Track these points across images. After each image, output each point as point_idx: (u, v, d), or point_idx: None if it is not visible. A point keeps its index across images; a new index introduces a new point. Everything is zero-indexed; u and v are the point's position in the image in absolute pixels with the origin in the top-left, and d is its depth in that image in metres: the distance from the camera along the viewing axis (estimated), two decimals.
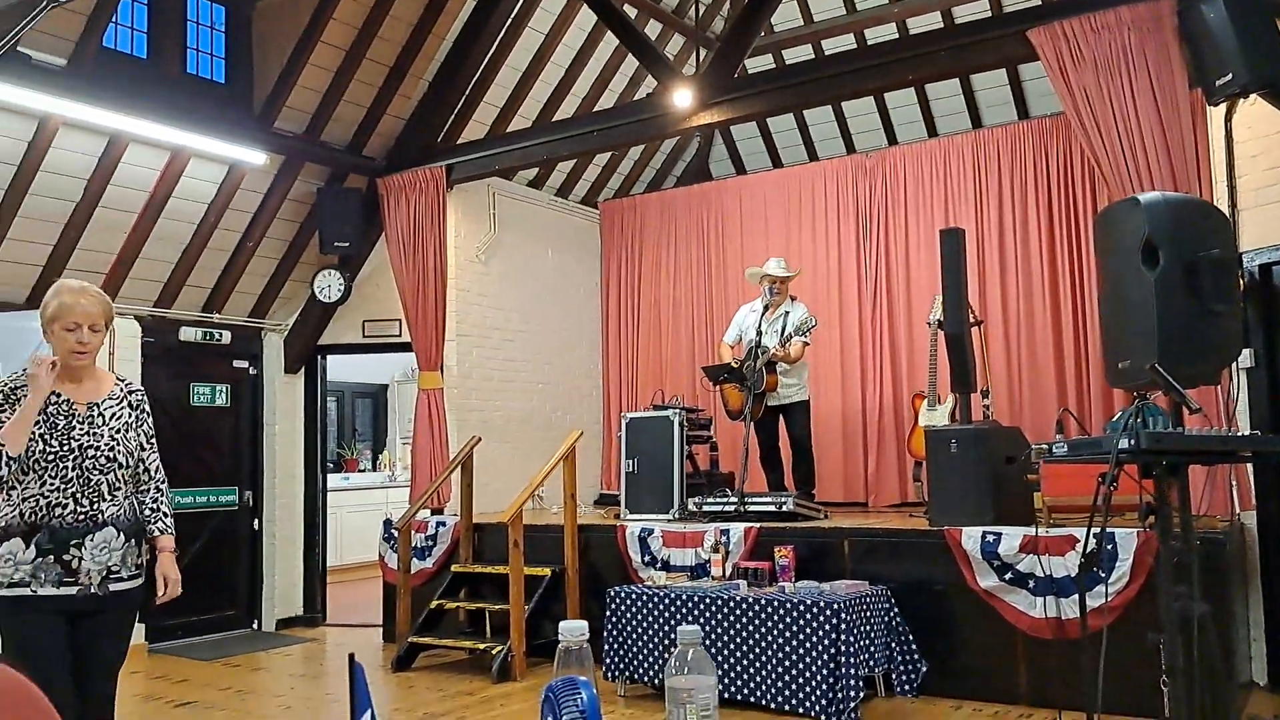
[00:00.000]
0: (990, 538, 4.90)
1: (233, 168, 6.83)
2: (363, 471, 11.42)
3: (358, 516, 9.80)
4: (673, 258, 8.65)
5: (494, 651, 5.77)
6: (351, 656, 1.17)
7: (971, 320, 5.77)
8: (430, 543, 6.74)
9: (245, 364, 7.77)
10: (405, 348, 7.69)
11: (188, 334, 7.29)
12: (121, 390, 3.14)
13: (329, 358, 8.12)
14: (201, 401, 7.43)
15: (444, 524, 6.75)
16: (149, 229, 6.69)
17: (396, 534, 6.59)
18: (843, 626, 4.58)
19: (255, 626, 7.54)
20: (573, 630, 1.57)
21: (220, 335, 7.52)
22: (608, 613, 5.29)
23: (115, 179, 6.33)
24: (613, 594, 5.32)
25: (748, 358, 6.29)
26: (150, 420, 3.22)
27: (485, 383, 7.84)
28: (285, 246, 7.62)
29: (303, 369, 8.00)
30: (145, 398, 3.22)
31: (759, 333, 6.32)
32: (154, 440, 3.21)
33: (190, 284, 7.18)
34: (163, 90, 6.37)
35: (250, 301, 7.69)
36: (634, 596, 5.23)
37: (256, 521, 7.67)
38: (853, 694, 4.53)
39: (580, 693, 1.11)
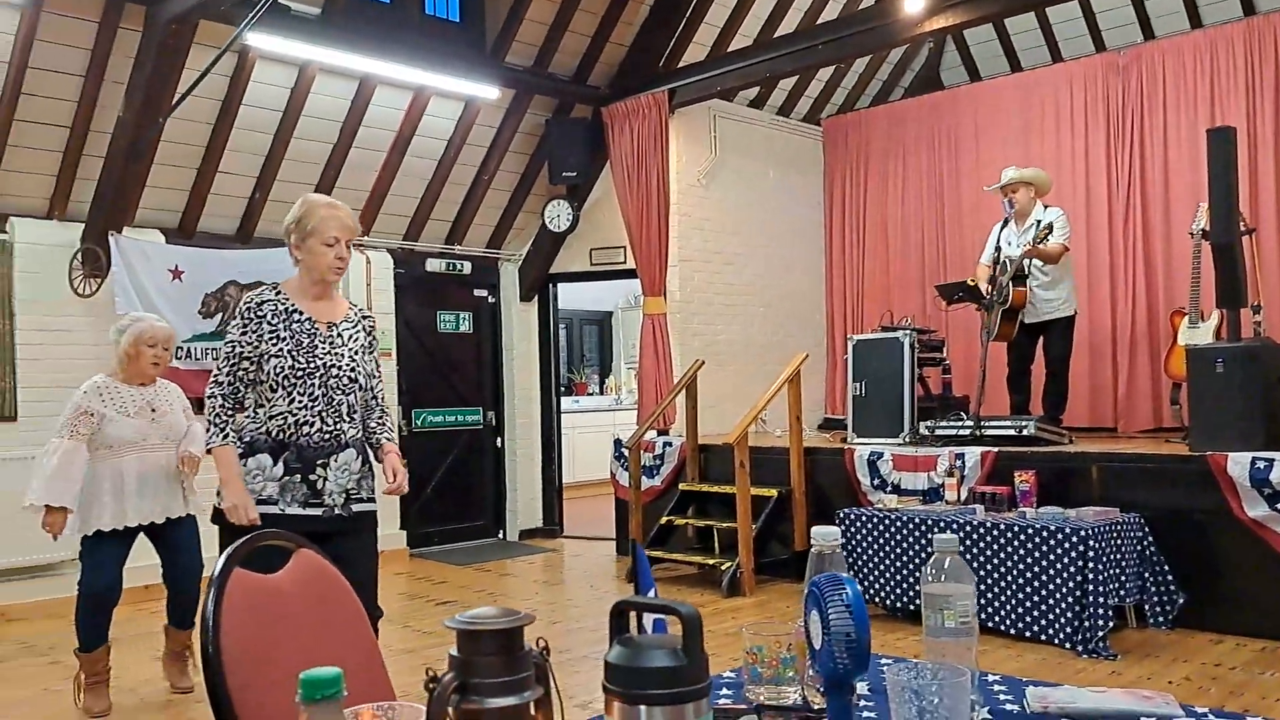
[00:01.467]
0: (1260, 464, 4.50)
1: (468, 104, 7.15)
2: (591, 395, 11.89)
3: (587, 437, 10.23)
4: (901, 173, 8.33)
5: (723, 567, 5.91)
6: (634, 541, 1.24)
7: (1242, 229, 5.24)
8: (658, 462, 6.95)
9: (484, 293, 8.22)
10: (630, 274, 7.87)
11: (433, 265, 7.77)
12: (356, 314, 3.08)
13: (559, 285, 8.44)
14: (447, 328, 7.94)
15: (670, 444, 6.93)
16: (396, 166, 7.13)
17: (627, 453, 6.84)
18: (1090, 555, 4.37)
19: (501, 536, 8.09)
20: (825, 535, 1.59)
21: (461, 266, 7.97)
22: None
23: (366, 120, 6.77)
24: (843, 516, 5.31)
25: (996, 273, 5.99)
26: (378, 347, 3.16)
27: (707, 307, 7.91)
28: (517, 179, 7.93)
29: (536, 297, 8.36)
30: (375, 323, 3.17)
31: (998, 247, 6.01)
32: (380, 369, 3.16)
33: (434, 218, 7.62)
34: (405, 33, 6.72)
35: (487, 233, 8.09)
36: (865, 519, 5.19)
37: (499, 440, 8.18)
38: (1100, 623, 4.34)
39: (845, 588, 1.13)
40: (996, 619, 4.65)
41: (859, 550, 5.18)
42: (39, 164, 5.87)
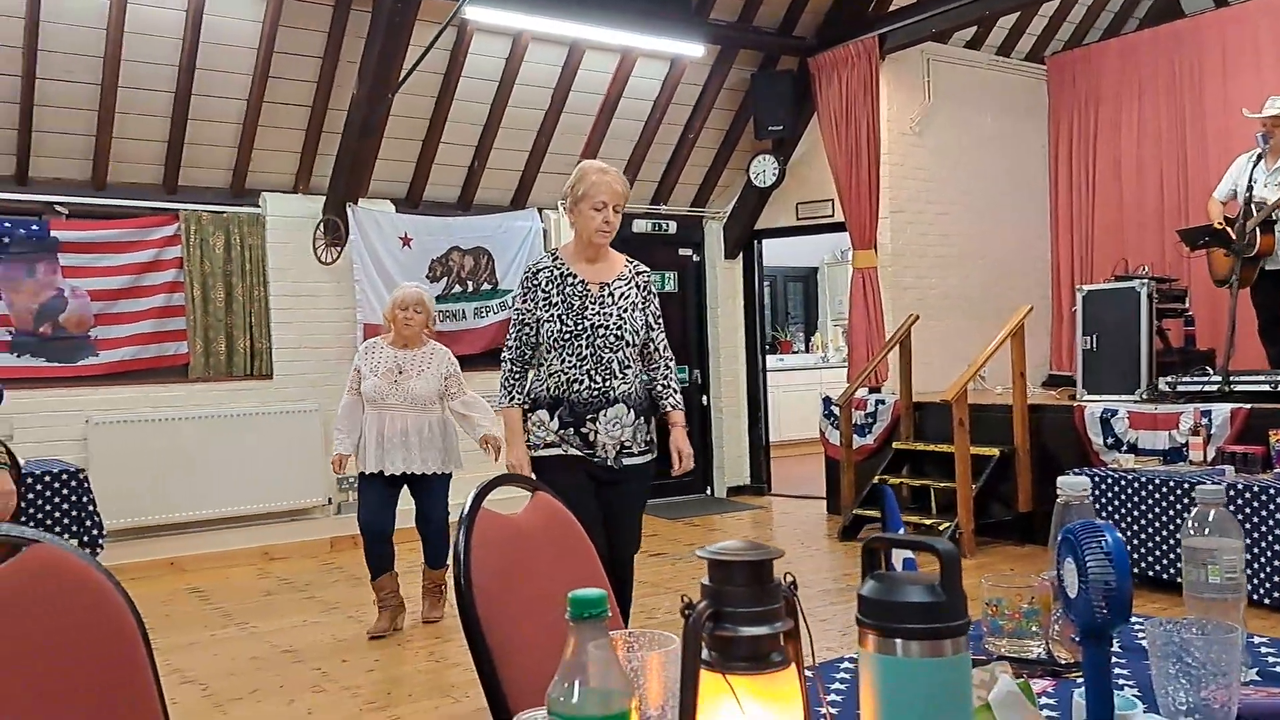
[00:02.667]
0: None
1: (674, 62, 7.18)
2: (796, 353, 11.77)
3: (792, 396, 10.16)
4: (1135, 111, 7.71)
5: (941, 528, 5.75)
6: (882, 482, 1.23)
7: None
8: (870, 420, 6.81)
9: (689, 251, 8.28)
10: (838, 228, 7.71)
11: (639, 226, 7.89)
12: (630, 271, 3.17)
13: (764, 242, 8.38)
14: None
15: (883, 402, 6.78)
16: (604, 129, 7.27)
17: (837, 411, 6.74)
18: None
19: (708, 493, 8.19)
20: (1074, 485, 1.52)
21: (667, 225, 8.05)
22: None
23: (575, 85, 6.93)
24: (1064, 485, 5.02)
25: (1239, 216, 5.48)
26: (656, 301, 3.22)
27: (920, 259, 7.64)
28: (722, 135, 7.91)
29: (740, 254, 8.34)
30: (652, 278, 3.24)
31: (1250, 186, 5.47)
32: (660, 320, 3.24)
33: (640, 179, 7.73)
34: None
35: (692, 191, 8.12)
36: (1099, 480, 4.90)
37: (705, 398, 8.26)
38: None
39: (1104, 534, 1.07)
40: (1251, 587, 4.29)
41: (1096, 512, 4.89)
42: (285, 142, 6.37)
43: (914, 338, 6.66)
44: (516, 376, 3.14)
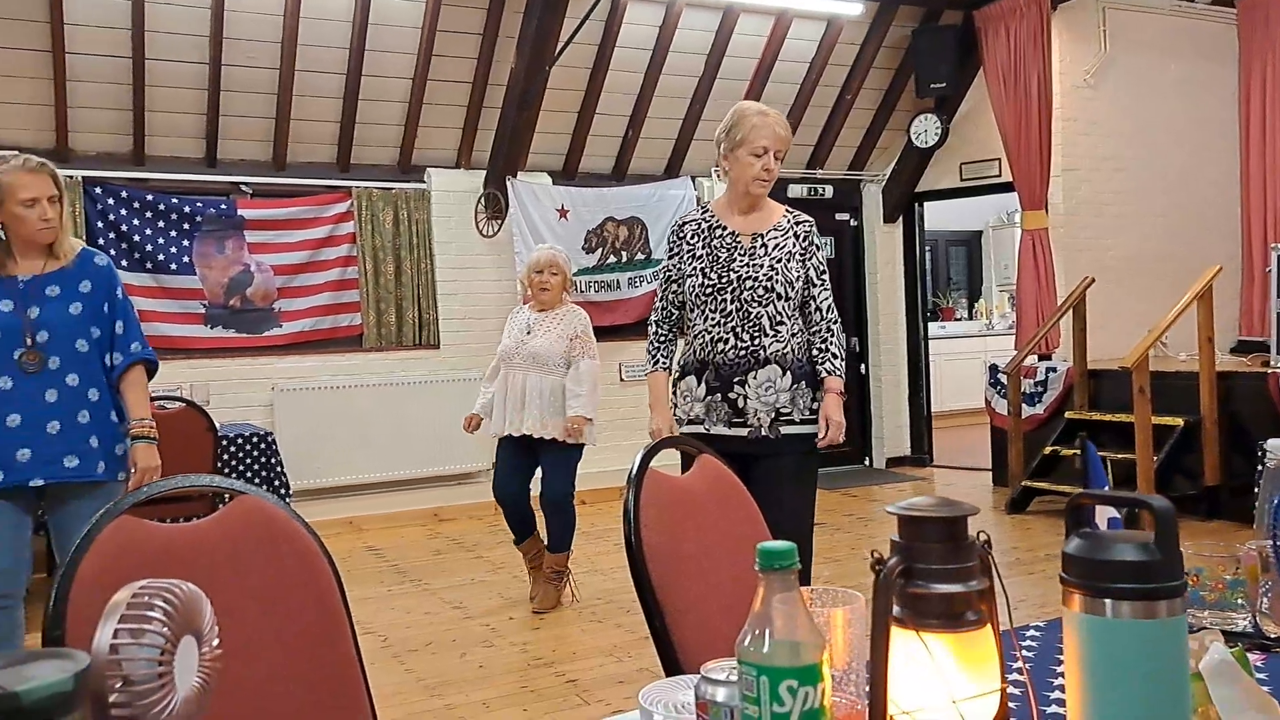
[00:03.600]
0: None
1: (830, 22, 7.00)
2: (959, 320, 11.38)
3: (955, 364, 9.83)
4: None
5: None
6: (1083, 436, 1.17)
7: None
8: (1040, 389, 6.52)
9: (846, 216, 8.09)
10: (1005, 188, 7.38)
11: (795, 191, 7.77)
12: (789, 221, 2.93)
13: (925, 204, 8.11)
14: None
15: (1054, 370, 6.47)
16: (758, 94, 7.17)
17: (1005, 380, 6.48)
18: None
19: (867, 463, 8.04)
20: None
21: (823, 190, 7.89)
22: (1261, 468, 4.67)
23: (729, 50, 6.86)
24: (1273, 448, 4.67)
25: None
26: (820, 255, 2.96)
27: (1095, 219, 7.23)
28: (881, 96, 7.68)
29: (900, 218, 8.10)
30: (814, 230, 2.97)
31: None
32: (825, 277, 2.96)
33: (795, 142, 7.56)
34: None
35: (849, 155, 7.93)
36: None
37: (864, 366, 8.09)
38: None
39: None
40: None
41: None
42: (448, 119, 6.57)
43: (1089, 302, 6.32)
44: (662, 340, 3.00)
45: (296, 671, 1.54)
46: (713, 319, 2.85)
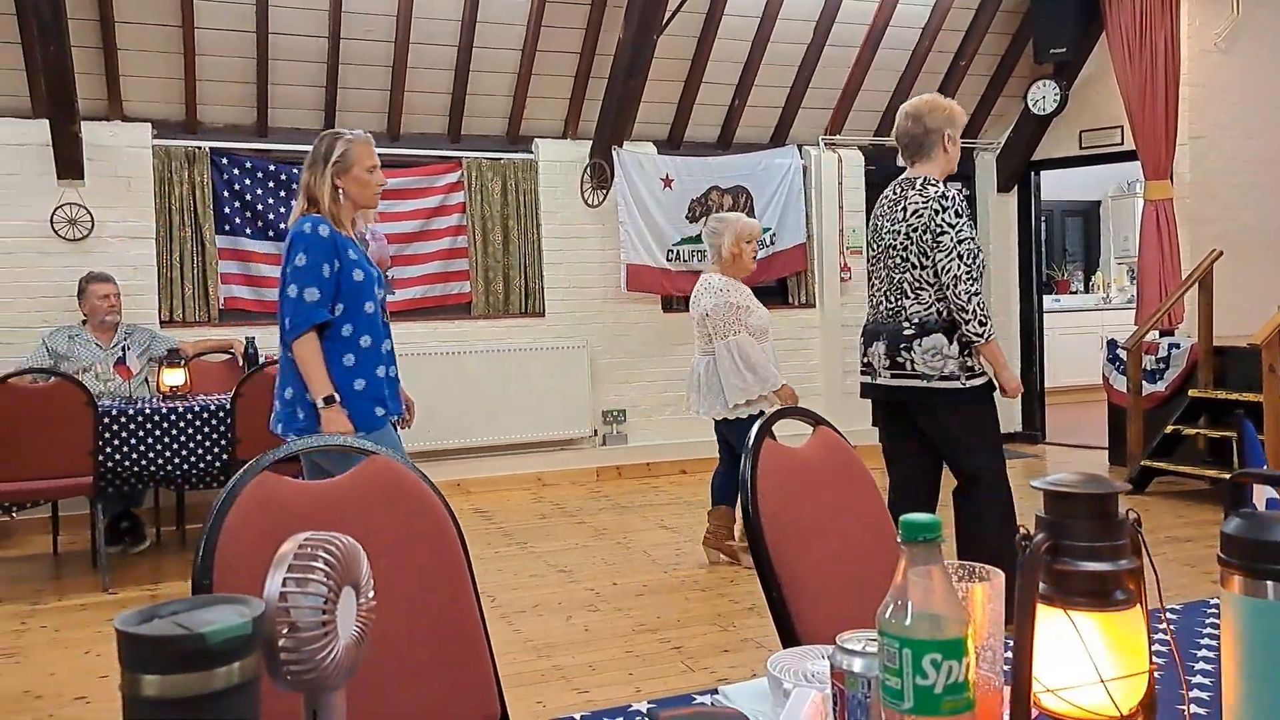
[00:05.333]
0: None
1: None
2: (1074, 293, 10.99)
3: (1070, 339, 9.51)
4: None
5: None
6: (1239, 414, 1.13)
7: None
8: (1161, 365, 6.26)
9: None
10: (1127, 157, 7.07)
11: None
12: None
13: (1041, 173, 7.83)
14: None
15: (1177, 346, 6.20)
16: (868, 61, 7.02)
17: (1124, 356, 6.24)
18: None
19: None
20: None
21: None
22: None
23: (840, 16, 6.71)
24: None
25: None
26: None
27: (1224, 189, 6.87)
28: (997, 61, 7.43)
29: (1015, 187, 7.84)
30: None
31: None
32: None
33: (906, 110, 7.41)
34: None
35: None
36: None
37: None
38: None
39: None
40: None
41: None
42: (556, 89, 6.61)
43: (1216, 275, 6.03)
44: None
45: (423, 625, 1.60)
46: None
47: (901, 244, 3.20)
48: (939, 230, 3.12)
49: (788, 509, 1.83)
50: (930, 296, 3.17)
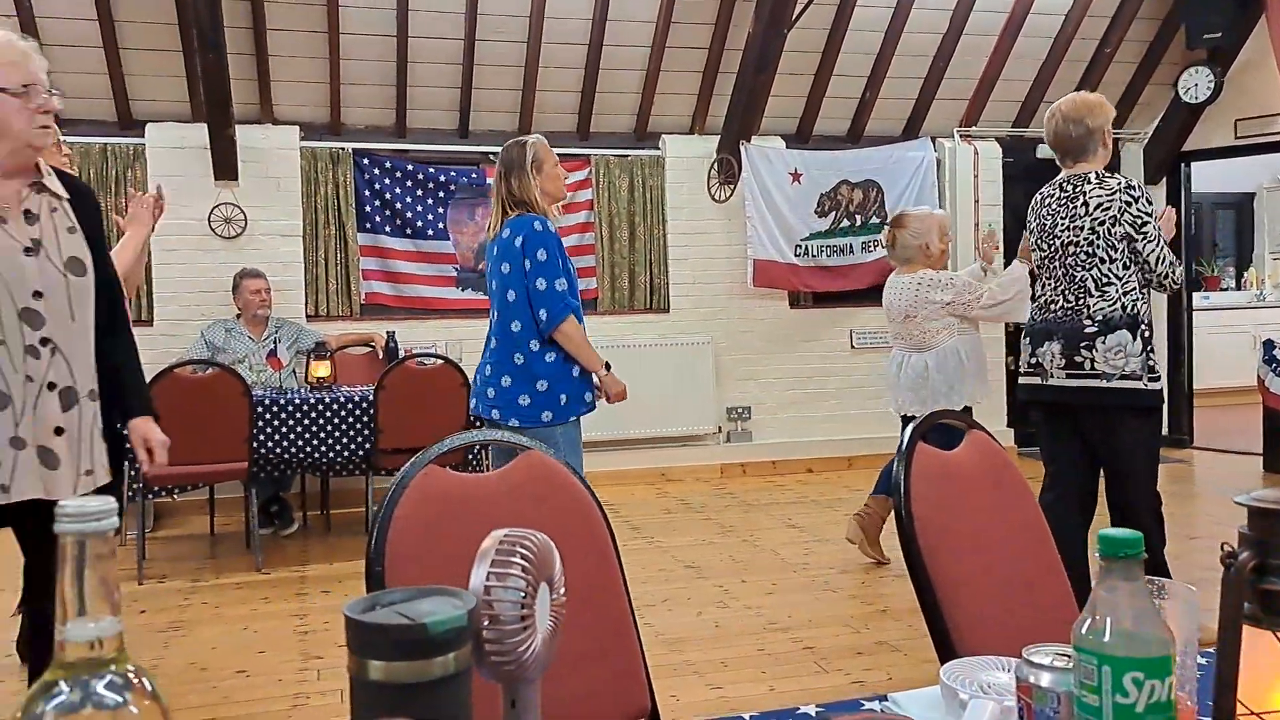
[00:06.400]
0: None
1: None
2: (1225, 290, 10.41)
3: (1220, 338, 9.02)
4: None
5: None
6: None
7: None
8: None
9: None
10: None
11: (1044, 152, 7.24)
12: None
13: (1192, 164, 7.44)
14: None
15: None
16: (1007, 49, 6.80)
17: None
18: None
19: None
20: None
21: None
22: None
23: (977, 4, 6.52)
24: None
25: None
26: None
27: None
28: (1144, 48, 7.09)
29: (1163, 179, 7.48)
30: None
31: None
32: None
33: (1047, 100, 7.14)
34: None
35: None
36: None
37: None
38: None
39: None
40: None
41: None
42: (684, 85, 6.62)
43: None
44: None
45: (579, 617, 1.64)
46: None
47: (1086, 239, 3.13)
48: (1139, 221, 3.08)
49: (940, 513, 1.80)
50: (1116, 292, 3.10)
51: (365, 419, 4.88)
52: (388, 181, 6.33)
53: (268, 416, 4.73)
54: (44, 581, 2.21)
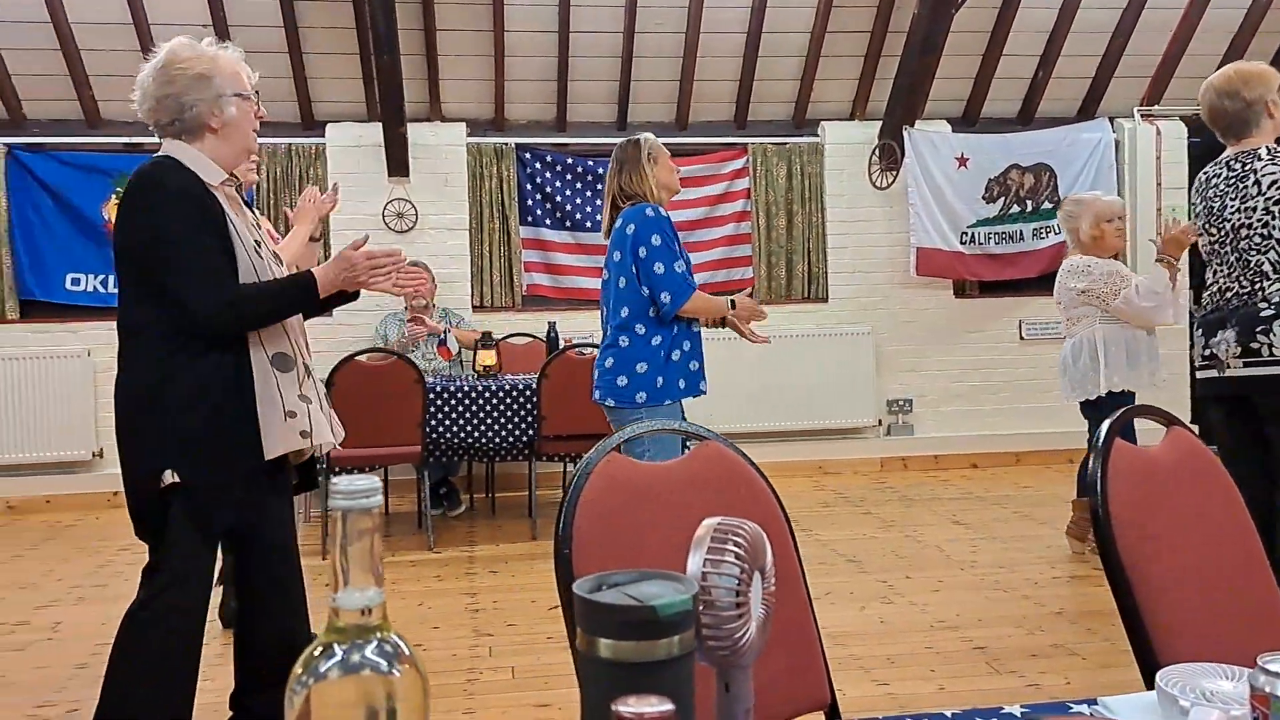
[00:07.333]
0: None
1: None
2: None
3: None
4: None
5: None
6: None
7: None
8: None
9: None
10: None
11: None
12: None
13: None
14: None
15: None
16: (1195, 22, 6.37)
17: None
18: None
19: None
20: None
21: None
22: None
23: None
24: None
25: None
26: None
27: None
28: None
29: None
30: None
31: None
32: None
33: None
34: None
35: None
36: None
37: None
38: None
39: None
40: None
41: None
42: (844, 70, 6.50)
43: None
44: None
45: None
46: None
47: (1260, 220, 2.91)
48: None
49: (1139, 513, 1.72)
50: None
51: (529, 406, 5.01)
52: (548, 175, 6.47)
53: (439, 403, 4.92)
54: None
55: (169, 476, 2.09)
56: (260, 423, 2.16)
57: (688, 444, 4.74)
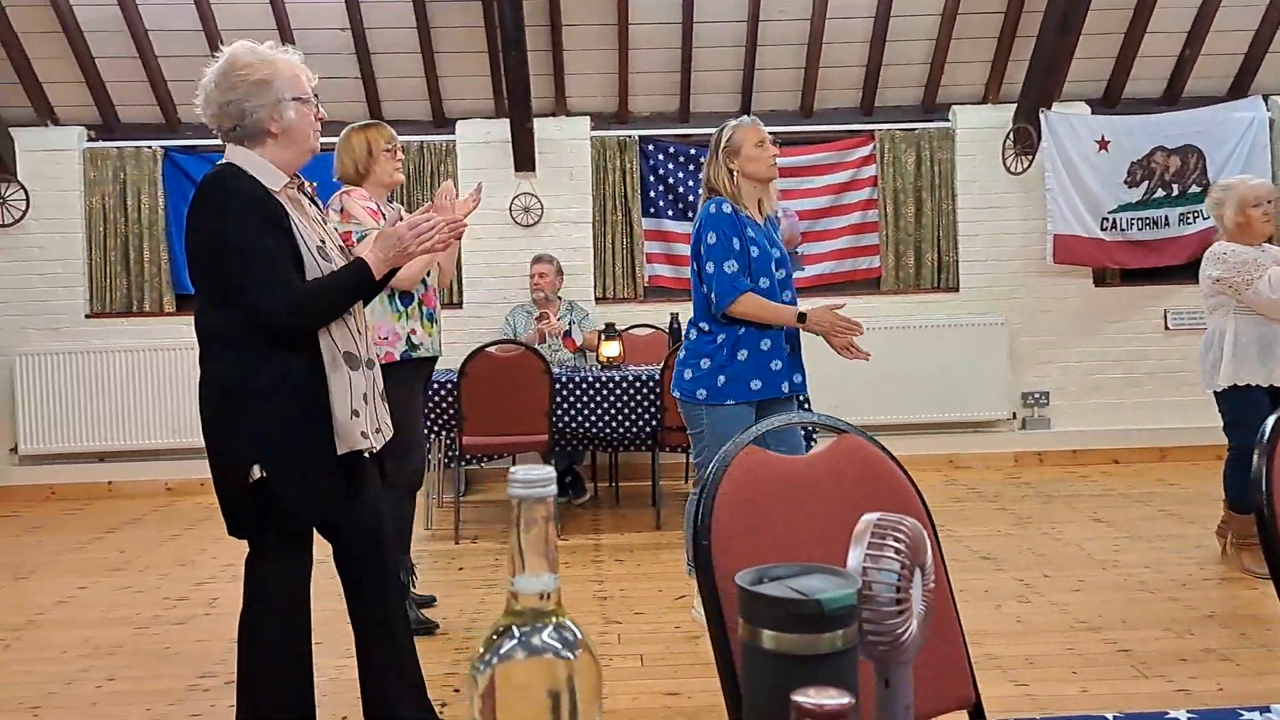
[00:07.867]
0: None
1: None
2: None
3: None
4: None
5: None
6: None
7: None
8: None
9: None
10: None
11: None
12: None
13: None
14: None
15: None
16: None
17: None
18: None
19: None
20: None
21: None
22: None
23: None
24: None
25: None
26: None
27: None
28: None
29: None
30: None
31: None
32: None
33: None
34: None
35: None
36: None
37: None
38: None
39: None
40: None
41: None
42: (977, 53, 6.30)
43: None
44: None
45: None
46: None
47: None
48: None
49: None
50: None
51: (653, 396, 5.04)
52: (671, 166, 6.49)
53: (564, 394, 5.00)
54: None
55: (256, 471, 2.15)
56: (334, 418, 2.23)
57: (813, 438, 4.71)
